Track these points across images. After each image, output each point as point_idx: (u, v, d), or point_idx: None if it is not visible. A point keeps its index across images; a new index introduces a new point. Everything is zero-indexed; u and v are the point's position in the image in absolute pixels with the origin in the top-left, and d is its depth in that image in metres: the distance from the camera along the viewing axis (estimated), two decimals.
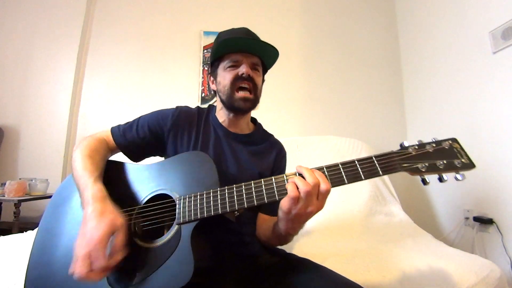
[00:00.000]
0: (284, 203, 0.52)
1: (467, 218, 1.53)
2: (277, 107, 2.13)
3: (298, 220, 0.55)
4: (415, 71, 2.10)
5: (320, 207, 0.52)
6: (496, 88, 1.41)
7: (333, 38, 2.29)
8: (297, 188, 0.51)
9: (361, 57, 2.27)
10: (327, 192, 0.51)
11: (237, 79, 0.73)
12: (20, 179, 1.79)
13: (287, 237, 0.65)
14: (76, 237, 0.52)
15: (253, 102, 0.76)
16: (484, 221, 1.41)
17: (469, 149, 0.53)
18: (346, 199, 1.51)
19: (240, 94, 0.73)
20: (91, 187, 0.58)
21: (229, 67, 0.75)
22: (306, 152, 1.76)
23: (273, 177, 0.55)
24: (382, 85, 2.24)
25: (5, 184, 1.67)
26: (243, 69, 0.72)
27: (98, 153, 0.69)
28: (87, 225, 0.52)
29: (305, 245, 1.16)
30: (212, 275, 0.60)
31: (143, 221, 0.61)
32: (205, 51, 2.20)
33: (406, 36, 2.23)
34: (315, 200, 0.51)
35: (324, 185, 0.50)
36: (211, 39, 2.21)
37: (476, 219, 1.45)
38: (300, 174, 0.53)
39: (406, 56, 2.23)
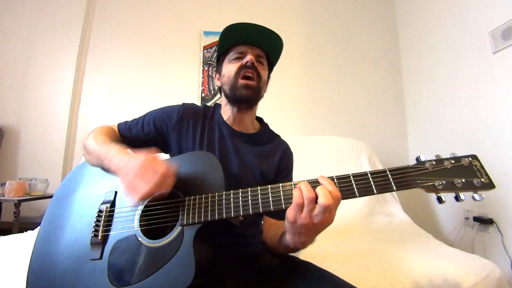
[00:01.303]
0: (289, 212, 0.49)
1: (467, 218, 1.53)
2: (277, 107, 2.13)
3: (306, 233, 0.50)
4: (415, 71, 2.10)
5: (330, 219, 0.48)
6: (496, 88, 1.41)
7: (333, 38, 2.29)
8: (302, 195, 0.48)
9: (361, 57, 2.27)
10: (337, 201, 0.48)
11: (241, 68, 0.73)
12: (20, 179, 1.79)
13: (294, 250, 0.63)
14: (79, 231, 0.54)
15: (256, 90, 0.75)
16: (484, 221, 1.41)
17: (468, 148, 0.53)
18: (346, 199, 1.51)
19: (243, 81, 0.73)
20: (113, 149, 0.62)
21: (234, 59, 0.75)
22: (306, 152, 1.76)
23: (280, 184, 0.54)
24: (382, 85, 2.24)
25: (5, 184, 1.67)
26: (247, 58, 0.73)
27: (110, 136, 0.73)
28: (126, 167, 0.56)
29: None
30: (214, 276, 0.60)
31: (147, 219, 0.61)
32: (205, 51, 2.20)
33: (406, 36, 2.23)
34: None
35: (330, 197, 0.47)
36: (211, 39, 2.21)
37: (476, 219, 1.45)
38: (310, 183, 0.50)
39: (406, 56, 2.23)
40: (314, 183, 0.50)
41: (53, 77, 2.12)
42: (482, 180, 0.47)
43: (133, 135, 0.77)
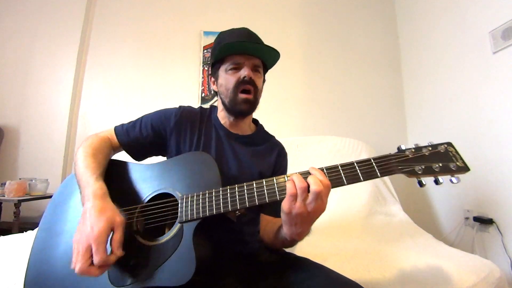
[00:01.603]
0: (284, 203, 0.52)
1: (467, 218, 1.53)
2: (277, 107, 2.13)
3: (301, 223, 0.53)
4: (415, 71, 2.10)
5: (322, 206, 0.51)
6: (496, 88, 1.40)
7: (333, 38, 2.29)
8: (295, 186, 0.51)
9: (361, 57, 2.27)
10: (327, 189, 0.51)
11: (239, 82, 0.73)
12: (20, 179, 1.79)
13: (292, 243, 0.65)
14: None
15: (253, 104, 0.76)
16: (484, 221, 1.40)
17: (468, 148, 0.54)
18: (346, 199, 1.51)
19: (243, 95, 0.73)
20: (92, 185, 0.59)
21: (230, 69, 0.75)
22: (306, 152, 1.76)
23: (274, 178, 0.56)
24: (382, 85, 2.24)
25: (5, 184, 1.67)
26: (244, 72, 0.73)
27: (101, 152, 0.70)
28: (86, 221, 0.53)
29: (305, 245, 1.15)
30: (213, 273, 0.60)
31: (145, 219, 0.61)
32: (205, 51, 2.20)
33: (406, 36, 2.23)
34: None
35: (321, 184, 0.50)
36: (211, 39, 2.21)
37: (476, 219, 1.45)
38: (302, 174, 0.53)
39: (406, 56, 2.23)
40: (306, 174, 0.53)
41: (53, 77, 2.12)
42: (458, 164, 0.52)
43: (131, 139, 0.77)
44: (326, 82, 2.23)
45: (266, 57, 0.78)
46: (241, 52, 0.74)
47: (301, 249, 1.08)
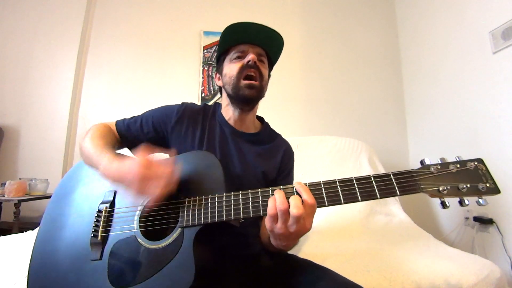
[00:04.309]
0: (266, 221, 0.51)
1: (467, 218, 1.53)
2: (277, 107, 2.13)
3: (284, 239, 0.52)
4: (415, 71, 2.10)
5: (305, 228, 0.49)
6: (496, 88, 1.40)
7: (333, 38, 2.29)
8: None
9: (361, 57, 2.27)
10: (311, 209, 0.48)
11: (243, 68, 0.73)
12: (20, 179, 1.79)
13: (281, 251, 0.64)
14: (79, 230, 0.55)
15: (259, 90, 0.74)
16: (484, 221, 1.41)
17: (468, 148, 0.53)
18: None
19: (246, 81, 0.72)
20: (107, 156, 0.60)
21: (235, 58, 0.75)
22: (306, 152, 1.76)
23: (282, 187, 0.53)
24: (382, 85, 2.24)
25: (5, 184, 1.66)
26: (249, 57, 0.72)
27: (108, 136, 0.72)
28: (123, 167, 0.54)
29: (305, 245, 1.16)
30: (214, 276, 0.60)
31: (147, 221, 0.61)
32: (205, 51, 2.20)
33: (406, 36, 2.23)
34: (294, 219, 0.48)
35: (301, 207, 0.47)
36: (211, 39, 2.21)
37: (476, 219, 1.46)
38: (287, 189, 0.52)
39: (406, 56, 2.23)
40: (291, 191, 0.51)
41: (53, 77, 2.11)
42: (487, 185, 0.47)
43: (132, 135, 0.76)
44: (326, 82, 2.23)
45: (270, 45, 0.78)
46: (245, 41, 0.75)
47: (302, 250, 1.08)
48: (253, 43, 0.75)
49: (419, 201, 1.94)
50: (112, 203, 0.64)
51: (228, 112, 0.79)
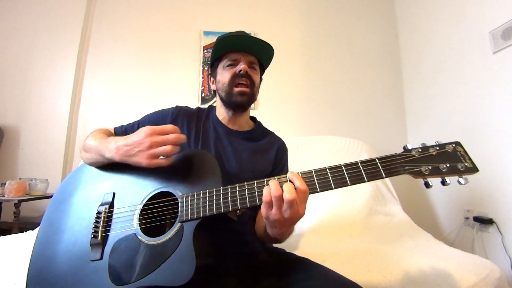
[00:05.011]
0: (262, 209, 0.53)
1: (467, 218, 1.53)
2: (277, 107, 2.13)
3: (280, 226, 0.54)
4: (415, 71, 2.10)
5: (298, 213, 0.51)
6: (496, 88, 1.40)
7: (333, 38, 2.29)
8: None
9: (361, 57, 2.27)
10: (303, 194, 0.50)
11: (235, 76, 0.77)
12: (20, 179, 1.79)
13: (277, 240, 0.66)
14: (78, 233, 0.56)
15: (250, 96, 0.79)
16: (484, 221, 1.40)
17: (469, 149, 0.53)
18: (346, 199, 1.51)
19: (238, 88, 0.76)
20: (111, 138, 0.65)
21: (227, 65, 0.78)
22: (306, 152, 1.76)
23: (276, 177, 0.55)
24: (382, 85, 2.24)
25: (5, 184, 1.67)
26: (240, 66, 0.76)
27: (109, 134, 0.75)
28: (130, 138, 0.60)
29: (305, 245, 1.16)
30: (213, 272, 0.60)
31: (146, 218, 0.61)
32: (205, 51, 2.20)
33: (406, 36, 2.23)
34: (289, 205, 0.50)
35: (294, 192, 0.49)
36: (211, 39, 2.21)
37: (476, 219, 1.45)
38: (280, 179, 0.54)
39: (406, 56, 2.23)
40: (285, 180, 0.53)
41: (53, 77, 2.12)
42: (466, 164, 0.49)
43: None
44: (326, 82, 2.23)
45: (261, 53, 0.81)
46: (236, 49, 0.78)
47: (301, 249, 1.09)
48: (245, 51, 0.79)
49: (419, 201, 1.94)
50: (111, 205, 0.64)
51: (222, 113, 0.83)
